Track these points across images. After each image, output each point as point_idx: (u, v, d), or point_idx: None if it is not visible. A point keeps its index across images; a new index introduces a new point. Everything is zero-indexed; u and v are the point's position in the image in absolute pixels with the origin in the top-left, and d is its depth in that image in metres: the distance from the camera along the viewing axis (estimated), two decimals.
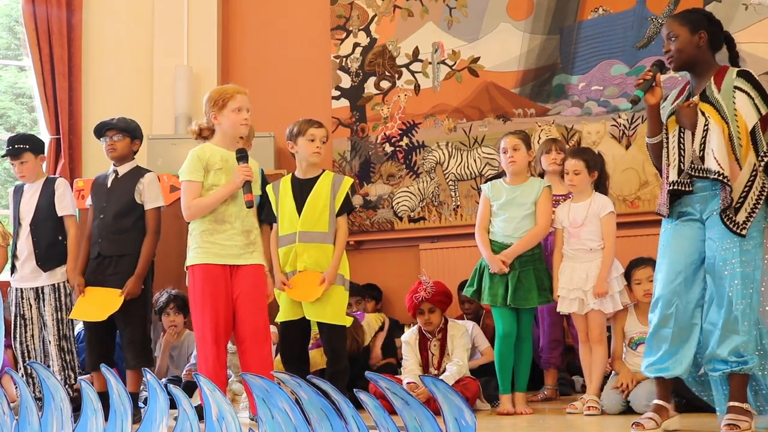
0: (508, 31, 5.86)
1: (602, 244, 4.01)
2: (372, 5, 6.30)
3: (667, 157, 3.11)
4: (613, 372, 4.06)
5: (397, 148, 6.09)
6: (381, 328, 4.98)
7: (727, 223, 2.96)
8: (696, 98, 3.11)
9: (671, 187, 3.07)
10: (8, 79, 7.25)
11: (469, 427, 1.78)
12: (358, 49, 6.30)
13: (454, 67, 6.00)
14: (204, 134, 3.56)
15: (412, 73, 6.12)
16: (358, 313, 5.02)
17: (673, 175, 3.07)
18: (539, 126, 5.70)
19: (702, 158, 3.00)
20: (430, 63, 6.07)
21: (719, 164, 2.94)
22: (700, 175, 3.02)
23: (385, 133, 6.14)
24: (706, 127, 3.00)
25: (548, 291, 4.08)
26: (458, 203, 5.87)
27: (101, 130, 4.28)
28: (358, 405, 1.94)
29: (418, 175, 6.01)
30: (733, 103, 3.01)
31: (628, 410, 3.83)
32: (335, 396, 1.92)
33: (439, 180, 5.94)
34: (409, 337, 4.40)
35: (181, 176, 3.49)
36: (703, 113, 3.04)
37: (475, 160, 5.86)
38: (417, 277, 4.49)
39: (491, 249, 4.08)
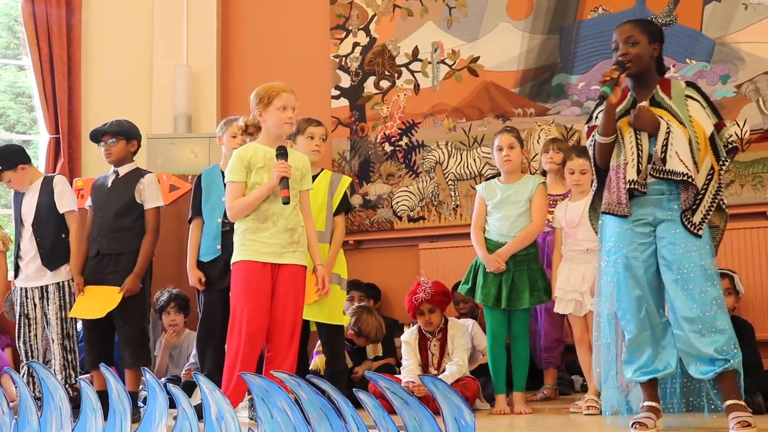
0: (508, 31, 5.86)
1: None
2: (371, 5, 6.30)
3: (624, 156, 3.14)
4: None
5: (397, 148, 6.09)
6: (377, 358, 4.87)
7: (686, 223, 3.03)
8: (646, 103, 3.17)
9: (630, 186, 3.09)
10: (8, 79, 7.25)
11: (468, 427, 1.78)
12: (358, 49, 6.30)
13: (453, 67, 5.99)
14: (250, 131, 3.52)
15: (412, 72, 6.12)
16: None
17: (631, 175, 3.10)
18: (539, 126, 5.70)
19: (664, 160, 3.05)
20: (429, 62, 6.07)
21: (685, 166, 3.01)
22: (662, 176, 3.06)
23: (384, 133, 6.14)
24: (668, 130, 3.06)
25: (541, 291, 4.07)
26: (458, 203, 5.87)
27: (97, 136, 4.29)
28: (358, 404, 1.94)
29: (417, 174, 6.01)
30: (687, 110, 3.10)
31: (627, 410, 3.82)
32: (334, 396, 1.92)
33: (439, 180, 5.94)
34: (408, 337, 4.39)
35: (226, 177, 3.48)
36: (662, 117, 3.10)
37: (474, 160, 5.85)
38: (416, 276, 4.48)
39: (486, 248, 4.08)
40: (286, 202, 3.30)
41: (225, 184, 3.52)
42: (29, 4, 6.41)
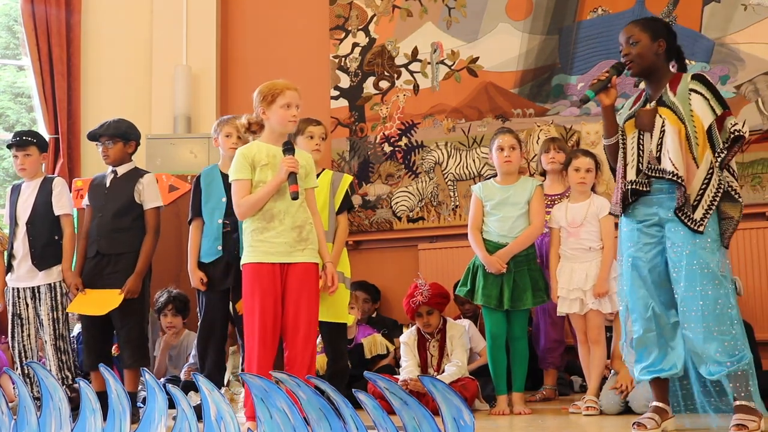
0: (507, 32, 5.85)
1: (601, 244, 4.02)
2: (371, 5, 6.30)
3: (625, 158, 3.18)
4: (612, 372, 4.06)
5: (396, 148, 6.09)
6: (383, 356, 4.84)
7: (685, 220, 3.03)
8: (653, 104, 3.17)
9: (630, 186, 3.13)
10: (7, 79, 7.25)
11: (467, 427, 1.78)
12: (357, 49, 6.30)
13: (453, 67, 5.99)
14: (252, 129, 3.49)
15: (411, 73, 6.12)
16: (363, 327, 4.92)
17: (631, 175, 3.14)
18: (538, 126, 5.69)
19: (659, 159, 3.07)
20: (429, 63, 6.07)
21: (674, 165, 3.01)
22: (657, 175, 3.08)
23: (384, 133, 6.14)
24: (662, 129, 3.08)
25: (543, 291, 4.08)
26: (457, 203, 5.87)
27: (95, 136, 4.29)
28: (357, 405, 1.93)
29: (416, 175, 6.01)
30: (689, 104, 3.09)
31: (626, 410, 3.83)
32: (334, 396, 1.92)
33: (438, 180, 5.94)
34: (407, 338, 4.39)
35: (230, 177, 3.44)
36: (660, 116, 3.11)
37: (473, 161, 5.85)
38: (413, 279, 4.45)
39: (486, 249, 4.08)
40: (295, 197, 3.28)
41: (224, 185, 3.47)
42: (29, 4, 6.41)
